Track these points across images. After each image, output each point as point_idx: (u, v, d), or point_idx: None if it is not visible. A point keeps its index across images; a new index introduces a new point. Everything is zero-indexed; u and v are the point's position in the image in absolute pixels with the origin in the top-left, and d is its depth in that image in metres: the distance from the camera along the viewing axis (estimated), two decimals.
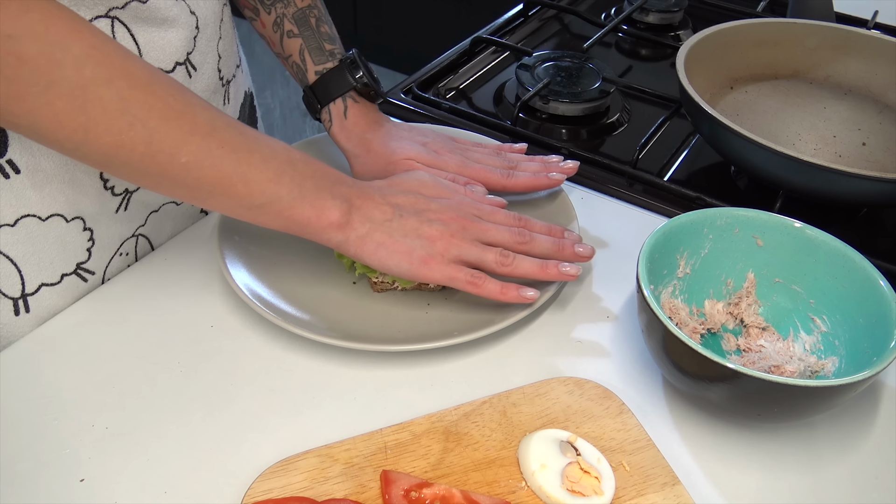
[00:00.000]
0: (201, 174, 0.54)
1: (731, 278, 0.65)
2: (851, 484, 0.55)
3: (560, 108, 0.93)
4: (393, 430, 0.55)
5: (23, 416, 0.57)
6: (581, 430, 0.56)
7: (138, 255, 0.72)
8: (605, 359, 0.64)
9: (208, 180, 0.55)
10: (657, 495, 0.52)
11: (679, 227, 0.62)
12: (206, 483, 0.53)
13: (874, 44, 0.89)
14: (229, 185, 0.55)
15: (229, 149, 0.55)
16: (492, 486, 0.52)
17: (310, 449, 0.54)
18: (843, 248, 0.61)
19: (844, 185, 0.70)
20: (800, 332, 0.63)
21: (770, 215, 0.63)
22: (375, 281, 0.67)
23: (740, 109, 0.89)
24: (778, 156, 0.70)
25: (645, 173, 0.83)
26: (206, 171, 0.54)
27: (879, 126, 0.88)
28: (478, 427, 0.56)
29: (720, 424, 0.59)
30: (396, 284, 0.67)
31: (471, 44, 1.06)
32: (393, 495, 0.50)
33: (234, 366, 0.61)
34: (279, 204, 0.58)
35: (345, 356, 0.62)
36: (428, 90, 0.98)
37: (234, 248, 0.68)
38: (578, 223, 0.72)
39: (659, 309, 0.54)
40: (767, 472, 0.55)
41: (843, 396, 0.52)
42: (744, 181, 0.86)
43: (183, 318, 0.65)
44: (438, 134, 0.77)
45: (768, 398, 0.51)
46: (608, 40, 1.13)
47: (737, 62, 0.91)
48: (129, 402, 0.58)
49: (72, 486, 0.52)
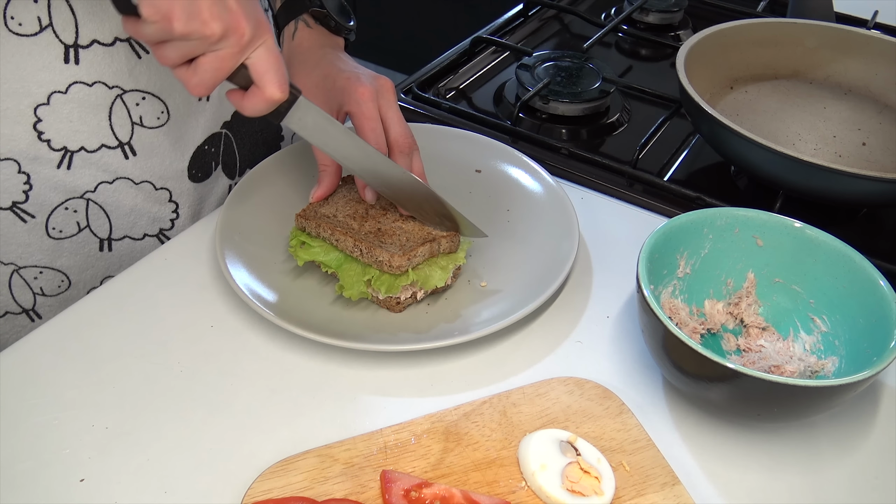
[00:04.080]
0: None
1: (731, 278, 0.65)
2: (851, 484, 0.55)
3: (560, 108, 0.93)
4: (393, 430, 0.55)
5: (23, 416, 0.57)
6: (581, 430, 0.56)
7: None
8: (605, 359, 0.64)
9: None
10: (657, 495, 0.52)
11: (679, 227, 0.62)
12: (206, 483, 0.53)
13: (874, 44, 0.89)
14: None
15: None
16: (492, 486, 0.52)
17: (310, 449, 0.54)
18: (843, 248, 0.60)
19: (844, 185, 0.70)
20: (800, 332, 0.63)
21: (770, 215, 0.63)
22: (399, 301, 0.65)
23: (740, 109, 0.89)
24: (778, 156, 0.70)
25: (645, 173, 0.82)
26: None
27: (879, 126, 0.88)
28: (478, 427, 0.56)
29: (720, 424, 0.59)
30: (419, 296, 0.66)
31: (471, 44, 1.06)
32: (393, 495, 0.50)
33: (234, 366, 0.61)
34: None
35: (345, 356, 0.62)
36: (428, 90, 0.98)
37: (234, 248, 0.68)
38: (578, 223, 0.72)
39: (659, 309, 0.54)
40: (767, 472, 0.55)
41: (843, 396, 0.52)
42: (744, 181, 0.86)
43: (183, 318, 0.65)
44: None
45: (768, 398, 0.51)
46: (608, 40, 1.13)
47: (737, 62, 0.91)
48: (129, 402, 0.58)
49: (72, 486, 0.52)
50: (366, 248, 0.63)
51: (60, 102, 0.66)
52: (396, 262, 0.62)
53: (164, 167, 0.74)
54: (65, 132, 0.67)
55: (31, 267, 0.71)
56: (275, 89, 0.56)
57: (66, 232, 0.71)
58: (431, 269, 0.65)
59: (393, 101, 0.69)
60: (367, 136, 0.66)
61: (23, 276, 0.71)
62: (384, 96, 0.69)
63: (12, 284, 0.71)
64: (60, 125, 0.66)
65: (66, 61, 0.65)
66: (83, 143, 0.68)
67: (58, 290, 0.74)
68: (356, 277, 0.64)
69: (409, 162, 0.69)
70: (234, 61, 0.54)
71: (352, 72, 0.70)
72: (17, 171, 0.66)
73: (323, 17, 0.75)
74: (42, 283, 0.72)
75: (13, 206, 0.68)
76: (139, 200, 0.74)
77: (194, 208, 0.80)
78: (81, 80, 0.66)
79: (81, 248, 0.73)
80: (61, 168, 0.68)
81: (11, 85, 0.63)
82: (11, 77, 0.63)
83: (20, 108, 0.64)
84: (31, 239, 0.70)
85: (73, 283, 0.74)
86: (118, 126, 0.69)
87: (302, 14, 0.75)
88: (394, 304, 0.65)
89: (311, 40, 0.75)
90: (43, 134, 0.66)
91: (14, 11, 0.62)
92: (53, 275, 0.72)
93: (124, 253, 0.76)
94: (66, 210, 0.70)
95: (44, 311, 0.74)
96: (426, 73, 1.00)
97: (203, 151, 0.78)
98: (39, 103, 0.65)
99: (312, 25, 0.75)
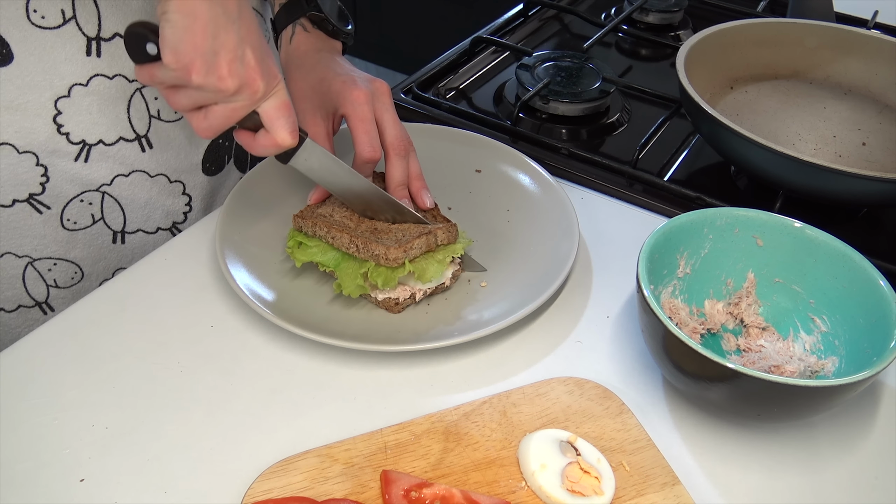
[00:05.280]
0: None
1: (731, 278, 0.65)
2: (851, 484, 0.55)
3: (560, 108, 0.93)
4: (393, 430, 0.55)
5: (23, 416, 0.57)
6: (581, 430, 0.56)
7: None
8: (605, 359, 0.64)
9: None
10: (657, 495, 0.52)
11: (679, 227, 0.62)
12: (206, 483, 0.53)
13: (874, 44, 0.89)
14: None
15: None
16: (492, 486, 0.52)
17: (310, 449, 0.54)
18: (843, 248, 0.60)
19: (844, 185, 0.70)
20: (800, 332, 0.63)
21: (770, 215, 0.63)
22: (397, 302, 0.65)
23: (740, 109, 0.89)
24: (778, 156, 0.70)
25: (645, 173, 0.82)
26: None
27: (879, 126, 0.88)
28: (478, 427, 0.56)
29: (720, 424, 0.59)
30: (418, 297, 0.66)
31: (471, 44, 1.06)
32: (393, 495, 0.50)
33: (234, 366, 0.61)
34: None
35: (345, 356, 0.62)
36: (428, 90, 0.98)
37: (234, 248, 0.68)
38: (578, 223, 0.72)
39: (659, 309, 0.54)
40: (767, 472, 0.55)
41: (843, 396, 0.52)
42: (744, 181, 0.86)
43: (183, 318, 0.65)
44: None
45: (768, 398, 0.51)
46: (608, 40, 1.13)
47: (737, 62, 0.91)
48: (129, 402, 0.58)
49: (72, 486, 0.52)
50: (362, 243, 0.64)
51: (81, 95, 0.66)
52: (392, 255, 0.62)
53: (180, 160, 0.75)
54: (84, 125, 0.68)
55: (45, 259, 0.72)
56: (286, 135, 0.58)
57: (81, 223, 0.72)
58: (428, 262, 0.65)
59: (389, 104, 0.69)
60: (361, 139, 0.66)
61: (37, 269, 0.72)
62: (379, 99, 0.69)
63: (26, 277, 0.72)
64: (80, 117, 0.67)
65: (87, 54, 0.65)
66: (101, 136, 0.69)
67: (71, 281, 0.74)
68: (353, 273, 0.64)
69: (405, 164, 0.69)
70: (244, 112, 0.56)
71: (347, 75, 0.70)
72: (35, 163, 0.67)
73: (321, 21, 0.75)
74: (56, 275, 0.73)
75: (30, 198, 0.68)
76: (154, 193, 0.75)
77: (206, 201, 0.81)
78: (102, 73, 0.67)
79: (95, 239, 0.74)
80: (79, 161, 0.69)
81: (34, 78, 0.64)
82: (34, 70, 0.64)
83: (41, 101, 0.65)
84: (46, 230, 0.70)
85: (87, 274, 0.75)
86: (136, 119, 0.70)
87: (300, 18, 0.75)
88: (392, 304, 0.65)
89: (308, 44, 0.75)
90: (62, 127, 0.67)
91: (37, 5, 0.63)
92: (67, 266, 0.73)
93: (137, 246, 0.77)
94: (82, 202, 0.71)
95: (56, 303, 0.75)
96: (426, 73, 1.00)
97: (217, 145, 0.79)
98: (60, 96, 0.66)
99: (310, 29, 0.75)
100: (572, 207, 0.74)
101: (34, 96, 0.65)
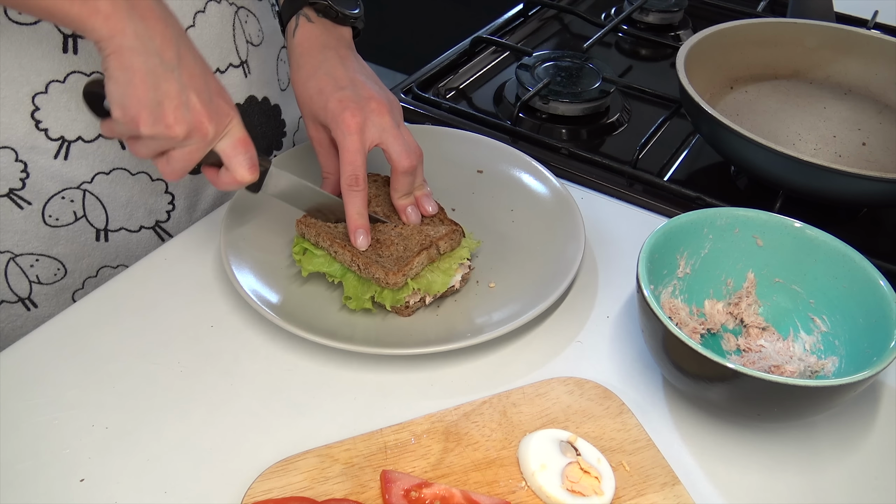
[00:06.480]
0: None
1: (731, 278, 0.65)
2: (851, 484, 0.55)
3: (560, 108, 0.93)
4: (393, 430, 0.55)
5: (23, 416, 0.57)
6: (581, 430, 0.56)
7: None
8: (605, 359, 0.64)
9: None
10: (657, 495, 0.52)
11: (679, 227, 0.62)
12: (206, 483, 0.53)
13: (874, 44, 0.89)
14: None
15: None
16: (492, 486, 0.52)
17: (310, 449, 0.54)
18: (843, 248, 0.60)
19: (844, 185, 0.70)
20: (800, 332, 0.63)
21: (770, 215, 0.63)
22: (407, 305, 0.65)
23: (740, 109, 0.89)
24: (778, 156, 0.70)
25: (645, 173, 0.82)
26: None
27: (879, 126, 0.88)
28: (478, 427, 0.56)
29: (720, 424, 0.59)
30: (428, 300, 0.66)
31: (471, 44, 1.06)
32: (393, 495, 0.50)
33: (234, 366, 0.61)
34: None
35: (345, 356, 0.62)
36: (428, 90, 0.98)
37: (238, 250, 0.68)
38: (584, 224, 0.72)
39: (659, 309, 0.54)
40: (767, 472, 0.55)
41: (843, 396, 0.52)
42: (744, 181, 0.86)
43: (183, 318, 0.65)
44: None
45: (768, 398, 0.51)
46: (608, 40, 1.13)
47: (737, 62, 0.91)
48: (129, 402, 0.58)
49: (72, 486, 0.52)
50: (363, 263, 0.64)
51: (58, 91, 0.66)
52: (392, 280, 0.62)
53: None
54: (63, 121, 0.67)
55: (27, 255, 0.71)
56: (244, 172, 0.61)
57: (63, 220, 0.71)
58: (434, 274, 0.65)
59: (388, 124, 0.66)
60: (344, 169, 0.65)
61: (19, 264, 0.71)
62: (375, 123, 0.66)
63: (8, 273, 0.71)
64: (58, 114, 0.67)
65: (64, 51, 0.65)
66: (80, 133, 0.69)
67: (54, 278, 0.74)
68: (360, 290, 0.64)
69: (410, 179, 0.68)
70: (201, 154, 0.58)
71: (345, 93, 0.67)
72: (14, 159, 0.67)
73: (325, 8, 0.72)
74: (38, 271, 0.73)
75: (10, 193, 0.68)
76: (136, 191, 0.74)
77: (190, 200, 0.80)
78: (80, 70, 0.66)
79: (77, 237, 0.73)
80: (58, 158, 0.68)
81: (11, 73, 0.64)
82: (10, 65, 0.64)
83: (19, 97, 0.65)
84: (28, 226, 0.70)
85: (69, 271, 0.74)
86: None
87: (303, 7, 0.72)
88: (402, 308, 0.65)
89: (312, 40, 0.72)
90: (40, 123, 0.66)
91: None
92: (49, 263, 0.73)
93: (120, 244, 0.76)
94: (63, 199, 0.70)
95: (39, 299, 0.74)
96: (426, 73, 1.00)
97: None
98: (38, 92, 0.65)
99: (314, 19, 0.72)
100: (577, 208, 0.74)
101: (11, 92, 0.64)
